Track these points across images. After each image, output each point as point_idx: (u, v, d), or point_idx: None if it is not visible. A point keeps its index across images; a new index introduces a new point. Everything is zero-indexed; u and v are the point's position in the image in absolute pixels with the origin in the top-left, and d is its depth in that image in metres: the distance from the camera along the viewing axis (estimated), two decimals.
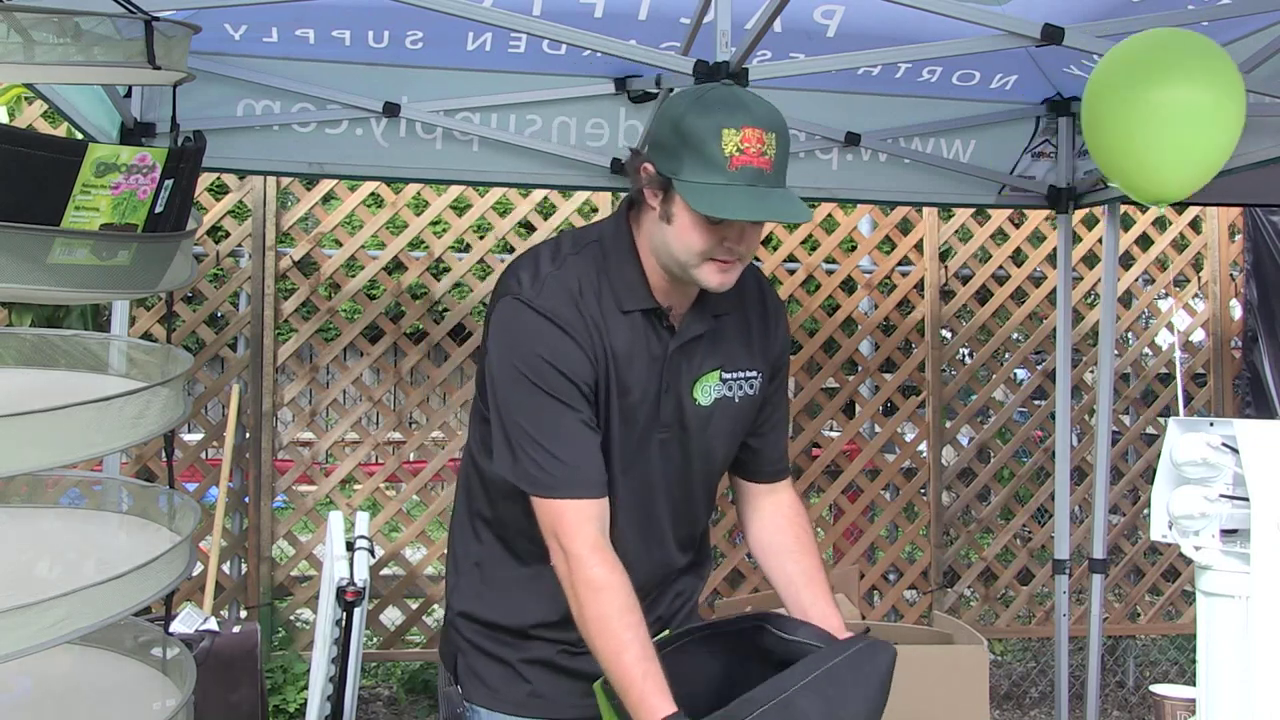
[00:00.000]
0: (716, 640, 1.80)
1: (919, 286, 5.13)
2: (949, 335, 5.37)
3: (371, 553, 2.73)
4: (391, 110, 3.30)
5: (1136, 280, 5.36)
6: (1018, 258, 5.21)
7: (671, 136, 1.66)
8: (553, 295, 1.75)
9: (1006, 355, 5.22)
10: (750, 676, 1.68)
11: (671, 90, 3.04)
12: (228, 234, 4.77)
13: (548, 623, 1.86)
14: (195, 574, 4.09)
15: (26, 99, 4.30)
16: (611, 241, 1.80)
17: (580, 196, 4.84)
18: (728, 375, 1.85)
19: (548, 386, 1.72)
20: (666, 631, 1.81)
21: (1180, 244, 5.34)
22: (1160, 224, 5.31)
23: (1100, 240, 4.74)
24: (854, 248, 5.14)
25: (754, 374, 1.88)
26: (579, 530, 1.69)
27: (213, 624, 3.48)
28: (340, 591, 2.52)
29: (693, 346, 1.82)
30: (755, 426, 1.94)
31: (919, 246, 5.12)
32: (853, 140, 3.54)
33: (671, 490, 1.86)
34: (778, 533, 1.96)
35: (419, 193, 5.31)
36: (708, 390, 1.83)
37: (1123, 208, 3.80)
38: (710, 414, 1.84)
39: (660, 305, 1.78)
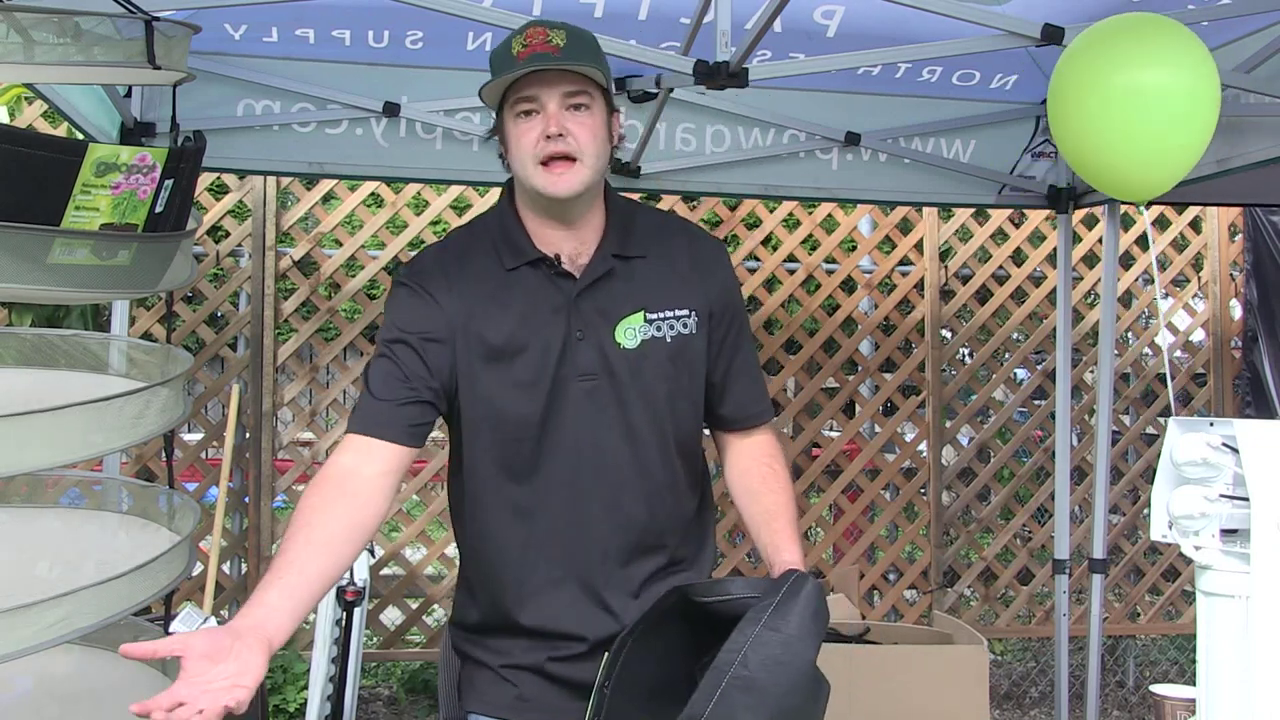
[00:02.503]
0: (657, 632, 1.74)
1: (919, 286, 5.13)
2: (949, 335, 5.37)
3: (371, 552, 2.73)
4: (391, 110, 3.30)
5: (1136, 280, 5.37)
6: (1018, 258, 5.21)
7: (490, 78, 1.79)
8: (420, 263, 1.87)
9: (1006, 355, 5.22)
10: (711, 645, 1.66)
11: (671, 90, 3.04)
12: (228, 234, 4.77)
13: (536, 627, 1.85)
14: (195, 574, 4.09)
15: (27, 99, 4.29)
16: (494, 213, 1.90)
17: None
18: (653, 315, 1.83)
19: (388, 346, 1.79)
20: (604, 656, 1.72)
21: (1180, 244, 5.34)
22: (1160, 224, 5.31)
23: (1100, 240, 4.74)
24: (854, 248, 5.14)
25: (685, 312, 1.85)
26: (341, 453, 1.73)
27: (213, 624, 3.47)
28: (340, 591, 2.53)
29: (602, 292, 1.82)
30: (711, 374, 1.91)
31: (919, 246, 5.12)
32: (853, 140, 3.54)
33: (615, 441, 1.82)
34: (744, 474, 1.95)
35: (419, 192, 5.31)
36: (632, 333, 1.82)
37: (1122, 208, 3.80)
38: (639, 356, 1.82)
39: (545, 255, 1.82)
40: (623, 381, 1.81)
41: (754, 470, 1.95)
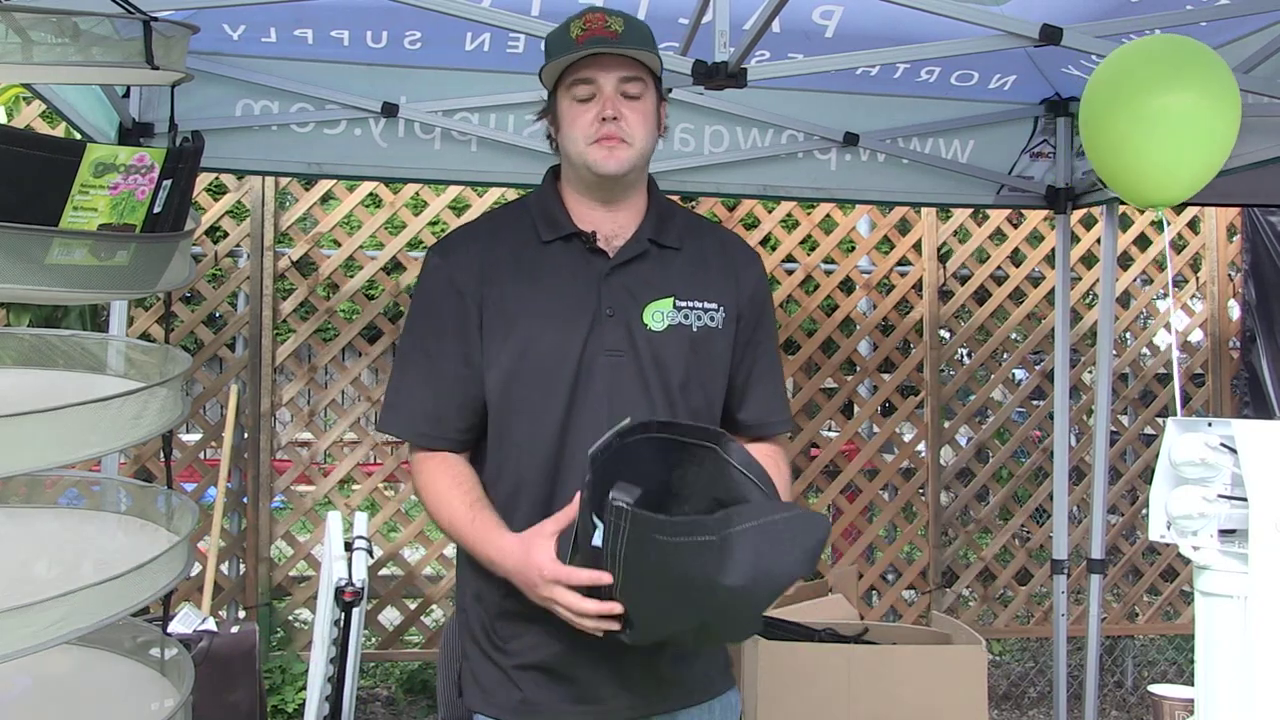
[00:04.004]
0: (669, 447, 1.73)
1: (917, 287, 5.13)
2: (947, 335, 5.37)
3: (370, 553, 2.73)
4: (390, 110, 3.30)
5: (1135, 280, 5.37)
6: (1016, 258, 5.21)
7: (545, 60, 1.86)
8: (453, 238, 1.96)
9: (1005, 355, 5.23)
10: (688, 487, 1.70)
11: (670, 91, 3.03)
12: (226, 234, 4.77)
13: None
14: (194, 574, 4.09)
15: (24, 99, 4.29)
16: (536, 193, 1.97)
17: None
18: (682, 303, 1.87)
19: (423, 330, 1.89)
20: (626, 420, 1.71)
21: (1179, 244, 5.34)
22: (1159, 224, 5.31)
23: (1099, 240, 4.75)
24: (853, 248, 5.14)
25: (714, 307, 1.89)
26: (414, 474, 1.92)
27: (211, 624, 3.47)
28: (339, 592, 2.52)
29: (634, 273, 1.86)
30: (734, 376, 1.93)
31: (917, 247, 5.13)
32: (851, 140, 3.54)
33: (627, 414, 1.82)
34: None
35: (417, 193, 5.31)
36: (660, 316, 1.86)
37: (1121, 208, 3.80)
38: (664, 339, 1.85)
39: (581, 230, 1.87)
40: (645, 362, 1.84)
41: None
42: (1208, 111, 2.27)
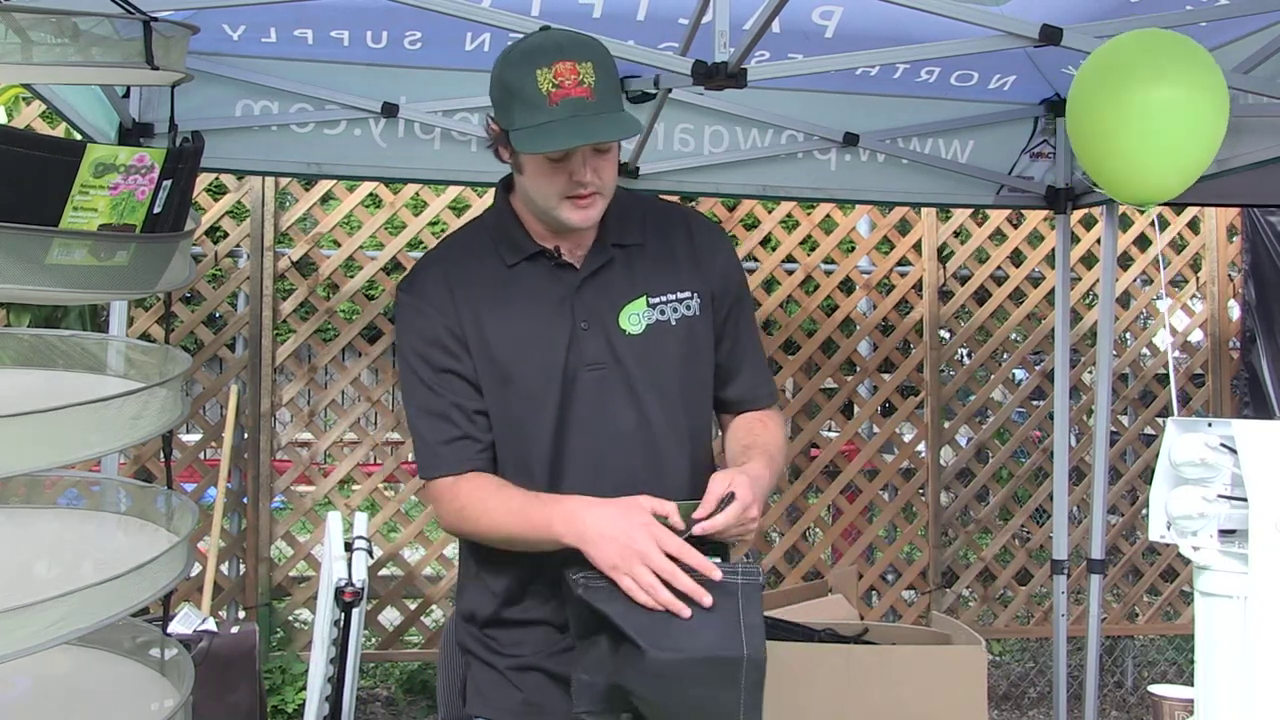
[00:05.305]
0: None
1: (917, 287, 5.13)
2: (947, 336, 5.37)
3: (370, 553, 2.73)
4: (390, 110, 3.30)
5: (1134, 281, 5.37)
6: (1016, 258, 5.21)
7: (498, 91, 1.74)
8: (419, 274, 1.91)
9: (1005, 355, 5.23)
10: None
11: (670, 91, 3.04)
12: (226, 234, 4.77)
13: (551, 618, 1.84)
14: (193, 574, 4.09)
15: (24, 99, 4.29)
16: (492, 212, 1.92)
17: None
18: (655, 300, 1.84)
19: (417, 367, 1.84)
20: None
21: (1179, 244, 5.34)
22: (1159, 224, 5.31)
23: (1098, 241, 4.75)
24: (852, 248, 5.14)
25: (687, 294, 1.87)
26: (446, 502, 1.83)
27: (211, 624, 3.48)
28: (339, 592, 2.52)
29: (604, 281, 1.84)
30: (715, 356, 1.92)
31: (917, 247, 5.12)
32: (851, 140, 3.54)
33: (629, 428, 1.82)
34: (736, 429, 1.95)
35: (417, 193, 5.31)
36: (636, 319, 1.83)
37: (1121, 208, 3.80)
38: (645, 341, 1.83)
39: (545, 248, 1.84)
40: (630, 368, 1.82)
41: (746, 423, 1.96)
42: (1193, 106, 2.22)
